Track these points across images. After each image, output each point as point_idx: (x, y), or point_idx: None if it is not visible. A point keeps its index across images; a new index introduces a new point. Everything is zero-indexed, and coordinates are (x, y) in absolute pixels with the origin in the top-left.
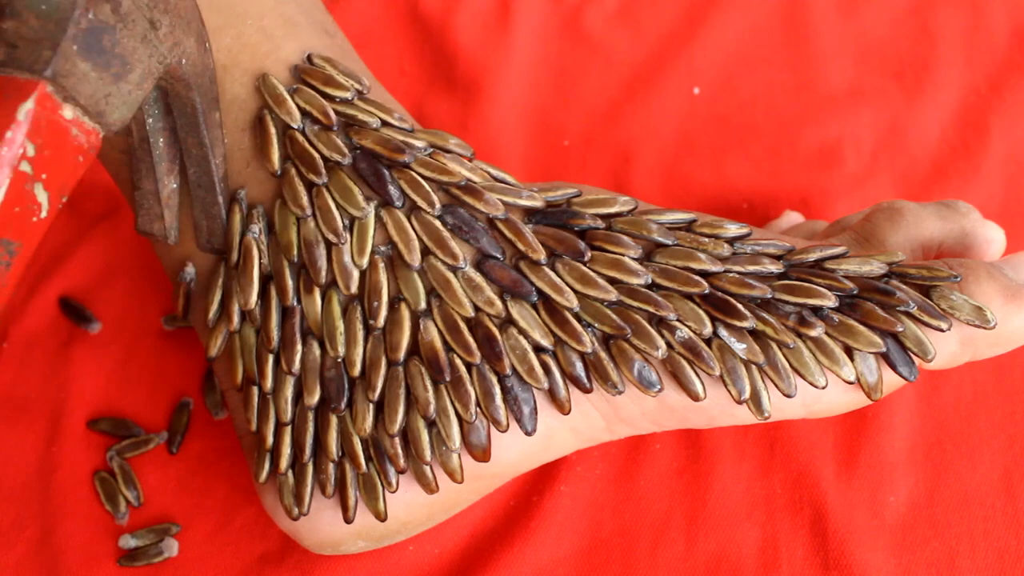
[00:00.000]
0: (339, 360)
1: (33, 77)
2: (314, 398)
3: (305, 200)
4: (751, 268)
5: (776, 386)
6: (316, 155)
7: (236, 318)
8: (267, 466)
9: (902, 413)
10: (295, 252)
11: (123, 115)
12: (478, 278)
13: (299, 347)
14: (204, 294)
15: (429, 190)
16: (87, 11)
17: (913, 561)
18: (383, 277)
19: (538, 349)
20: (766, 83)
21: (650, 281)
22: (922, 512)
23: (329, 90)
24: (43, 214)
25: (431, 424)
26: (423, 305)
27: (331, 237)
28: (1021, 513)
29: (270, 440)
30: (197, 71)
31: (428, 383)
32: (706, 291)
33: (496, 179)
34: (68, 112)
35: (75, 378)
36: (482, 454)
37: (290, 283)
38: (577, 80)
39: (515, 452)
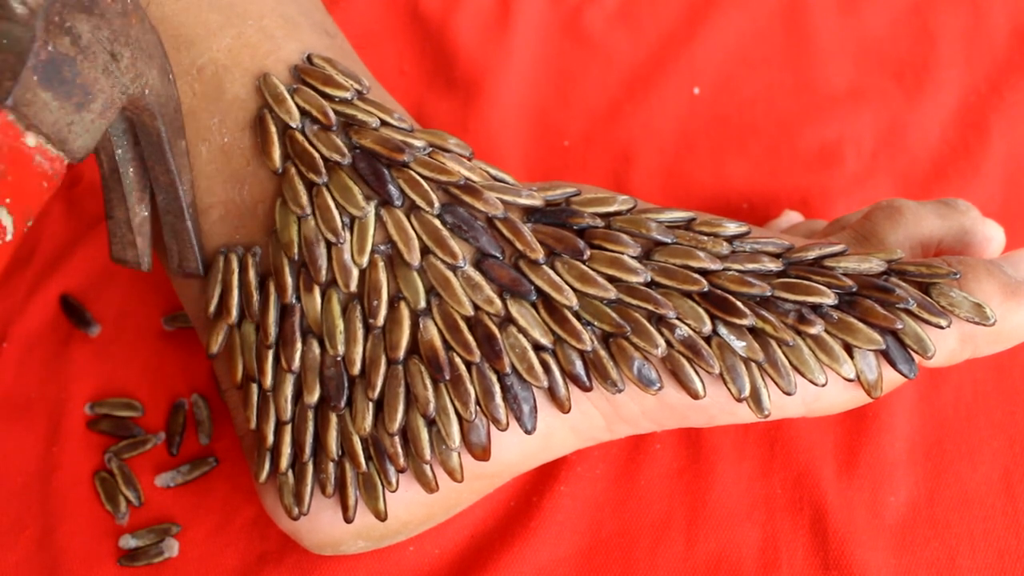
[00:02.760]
0: (339, 359)
1: None
2: (314, 396)
3: (305, 199)
4: (750, 266)
5: (776, 384)
6: (316, 155)
7: (235, 312)
8: (267, 466)
9: (902, 413)
10: (295, 250)
11: (86, 143)
12: (477, 277)
13: (299, 345)
14: (203, 290)
15: (428, 189)
16: (46, 43)
17: (913, 561)
18: (383, 276)
19: (538, 348)
20: (766, 83)
21: (649, 279)
22: (922, 512)
23: (329, 90)
24: (8, 237)
25: (431, 423)
26: (423, 304)
27: (330, 237)
28: (1021, 513)
29: (270, 439)
30: (161, 101)
31: (428, 382)
32: (705, 289)
33: (495, 178)
34: (31, 140)
35: (75, 378)
36: (482, 453)
37: (289, 281)
38: (577, 80)
39: (515, 451)
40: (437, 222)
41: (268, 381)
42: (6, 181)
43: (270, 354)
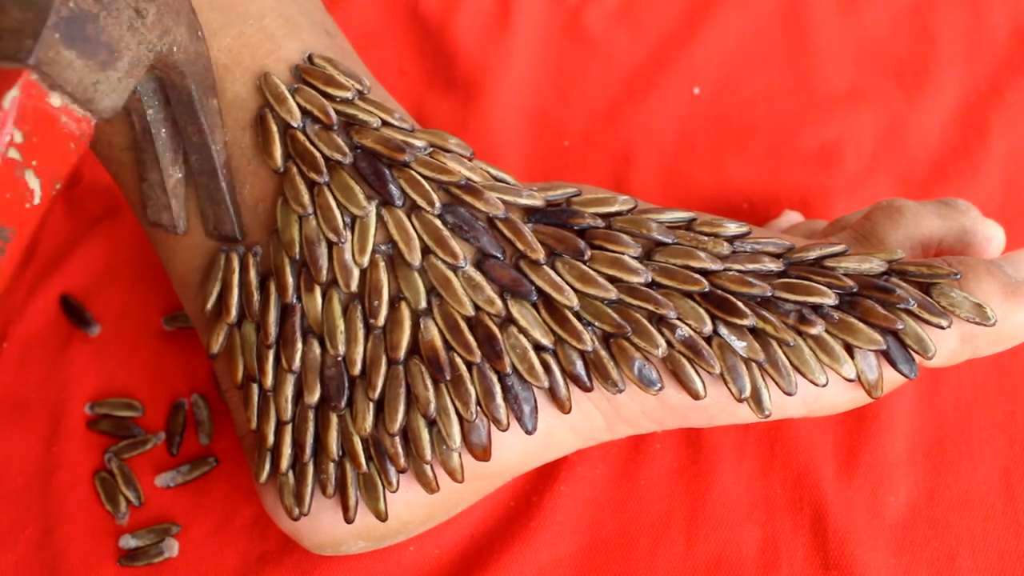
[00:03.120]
0: (339, 359)
1: (17, 66)
2: (314, 397)
3: (306, 198)
4: (751, 266)
5: (776, 384)
6: (317, 154)
7: (234, 311)
8: (268, 466)
9: (902, 413)
10: (296, 250)
11: (113, 102)
12: (478, 277)
13: (299, 345)
14: (202, 288)
15: (429, 189)
16: (67, 0)
17: (913, 561)
18: (383, 276)
19: (538, 348)
20: (766, 83)
21: (650, 279)
22: (922, 512)
23: (330, 90)
24: (36, 200)
25: (431, 423)
26: (423, 304)
27: (331, 236)
28: (1021, 513)
29: (271, 439)
30: (190, 58)
31: (428, 382)
32: (706, 289)
33: (496, 179)
34: (56, 100)
35: (75, 378)
36: (482, 453)
37: (290, 280)
38: (577, 80)
39: (515, 451)
40: (438, 222)
41: (268, 381)
42: (32, 143)
43: (271, 354)
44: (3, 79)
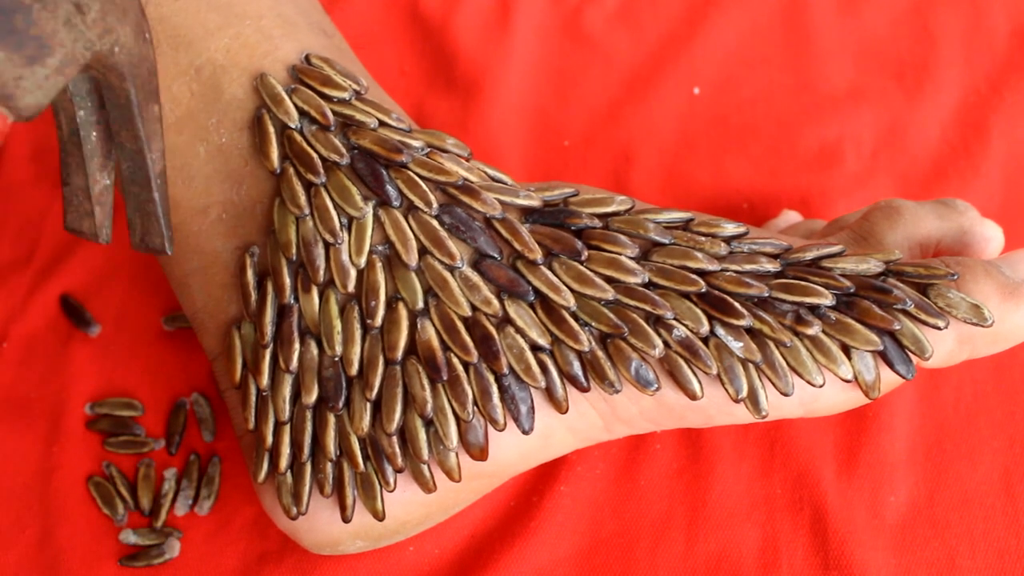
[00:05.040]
0: (336, 359)
1: None
2: (312, 397)
3: (303, 200)
4: (748, 267)
5: (773, 385)
6: (314, 155)
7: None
8: (266, 466)
9: (902, 413)
10: (293, 251)
11: (38, 100)
12: (475, 277)
13: (297, 345)
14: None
15: (426, 189)
16: None
17: (913, 561)
18: (381, 276)
19: (535, 348)
20: (766, 83)
21: (647, 280)
22: (922, 512)
23: (327, 90)
24: None
25: (428, 423)
26: (420, 304)
27: (328, 237)
28: (1021, 513)
29: (269, 439)
30: (133, 61)
31: (425, 382)
32: (703, 290)
33: (493, 179)
34: None
35: (75, 378)
36: (479, 453)
37: (287, 281)
38: (577, 80)
39: (513, 451)
40: (435, 223)
41: (265, 381)
42: None
43: (267, 354)
44: None
